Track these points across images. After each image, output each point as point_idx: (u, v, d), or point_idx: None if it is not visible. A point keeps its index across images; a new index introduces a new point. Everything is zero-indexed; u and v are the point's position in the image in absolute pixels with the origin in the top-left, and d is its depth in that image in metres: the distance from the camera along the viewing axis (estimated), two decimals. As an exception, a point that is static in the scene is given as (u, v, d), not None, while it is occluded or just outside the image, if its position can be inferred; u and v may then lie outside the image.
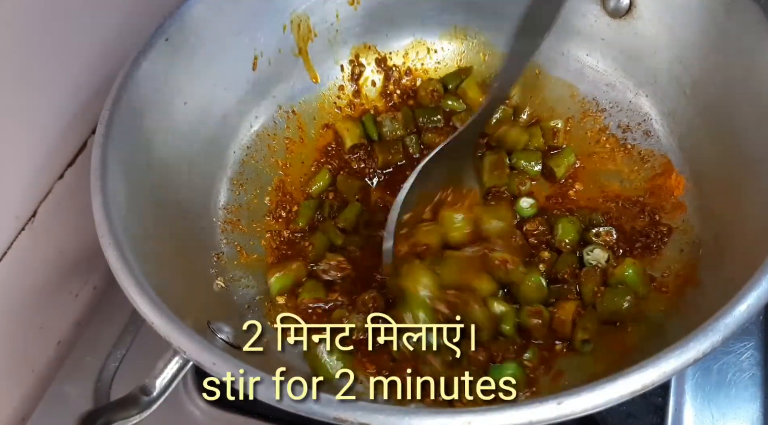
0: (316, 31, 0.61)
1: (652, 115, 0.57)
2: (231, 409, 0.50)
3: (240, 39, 0.56)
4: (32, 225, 0.52)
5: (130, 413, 0.37)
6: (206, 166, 0.55)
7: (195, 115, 0.54)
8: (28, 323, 0.55)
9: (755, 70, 0.47)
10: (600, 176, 0.58)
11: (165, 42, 0.50)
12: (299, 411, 0.33)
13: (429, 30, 0.64)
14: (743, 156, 0.47)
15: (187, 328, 0.37)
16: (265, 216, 0.58)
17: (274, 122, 0.61)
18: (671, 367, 0.32)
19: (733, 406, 0.48)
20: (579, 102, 0.61)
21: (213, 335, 0.42)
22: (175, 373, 0.38)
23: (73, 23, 0.51)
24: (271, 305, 0.52)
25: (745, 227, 0.44)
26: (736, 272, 0.39)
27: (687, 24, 0.52)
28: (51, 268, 0.56)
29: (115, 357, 0.55)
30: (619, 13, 0.56)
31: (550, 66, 0.62)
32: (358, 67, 0.65)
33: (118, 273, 0.39)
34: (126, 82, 0.48)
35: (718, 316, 0.34)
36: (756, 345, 0.50)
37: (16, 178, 0.50)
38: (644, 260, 0.51)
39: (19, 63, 0.47)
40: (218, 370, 0.35)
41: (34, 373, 0.56)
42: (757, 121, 0.46)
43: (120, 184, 0.44)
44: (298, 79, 0.62)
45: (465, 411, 0.31)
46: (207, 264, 0.52)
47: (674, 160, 0.55)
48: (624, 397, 0.32)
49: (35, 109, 0.50)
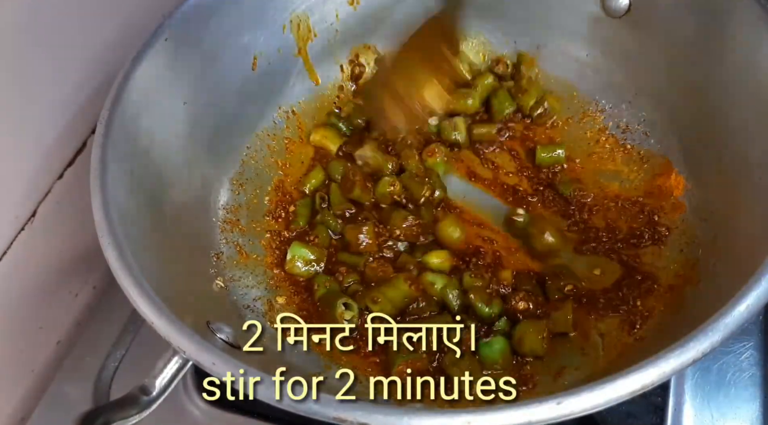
0: (315, 30, 0.61)
1: (652, 115, 0.58)
2: (231, 409, 0.50)
3: (239, 39, 0.56)
4: (32, 225, 0.52)
5: (129, 413, 0.37)
6: (206, 166, 0.55)
7: (194, 115, 0.54)
8: (27, 323, 0.55)
9: (755, 70, 0.47)
10: (599, 176, 0.58)
11: (164, 42, 0.50)
12: (299, 411, 0.33)
13: (428, 30, 0.65)
14: (743, 156, 0.47)
15: (187, 328, 0.37)
16: (264, 216, 0.58)
17: (274, 122, 0.61)
18: (671, 367, 0.32)
19: (732, 406, 0.48)
20: (578, 102, 0.61)
21: (212, 335, 0.42)
22: (174, 373, 0.38)
23: (72, 23, 0.51)
24: (271, 305, 0.52)
25: (745, 227, 0.44)
26: (736, 272, 0.39)
27: (686, 24, 0.52)
28: (50, 268, 0.56)
29: (114, 356, 0.55)
30: (618, 13, 0.57)
31: (550, 66, 0.62)
32: (357, 67, 0.65)
33: (118, 273, 0.39)
34: (125, 82, 0.48)
35: (718, 316, 0.34)
36: (755, 345, 0.50)
37: (15, 178, 0.50)
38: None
39: (19, 63, 0.47)
40: (218, 370, 0.35)
41: (34, 373, 0.56)
42: (757, 121, 0.46)
43: (119, 183, 0.44)
44: (297, 79, 0.62)
45: (464, 412, 0.31)
46: (206, 264, 0.52)
47: (673, 160, 0.55)
48: (623, 397, 0.32)
49: (35, 109, 0.50)
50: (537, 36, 0.62)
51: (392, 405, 0.41)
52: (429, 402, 0.44)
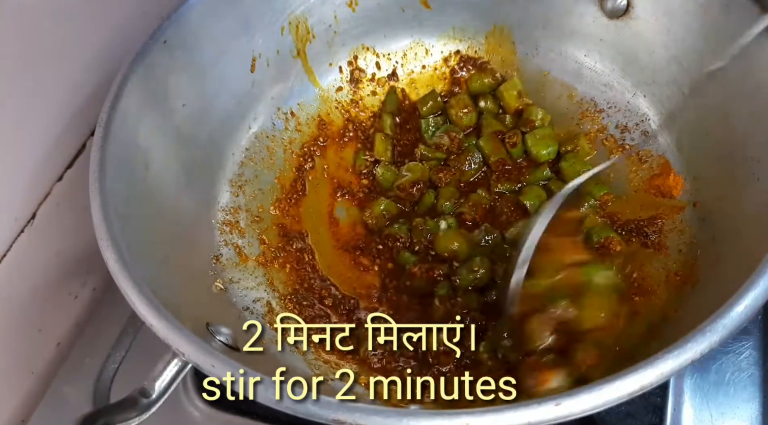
0: (314, 32, 0.61)
1: (650, 115, 0.58)
2: (230, 410, 0.50)
3: (238, 40, 0.56)
4: (31, 227, 0.52)
5: (129, 415, 0.37)
6: (205, 168, 0.55)
7: (193, 117, 0.54)
8: (27, 324, 0.55)
9: (753, 70, 0.47)
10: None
11: (163, 44, 0.50)
12: (298, 412, 0.33)
13: (427, 31, 0.65)
14: (741, 156, 0.47)
15: (186, 330, 0.37)
16: (264, 217, 0.58)
17: (273, 124, 0.61)
18: (669, 368, 0.32)
19: (731, 406, 0.48)
20: (577, 102, 0.61)
21: (212, 337, 0.42)
22: (174, 375, 0.38)
23: (71, 25, 0.51)
24: (271, 307, 0.52)
25: (743, 227, 0.44)
26: (734, 272, 0.39)
27: (684, 24, 0.52)
28: (50, 270, 0.56)
29: (114, 358, 0.55)
30: (617, 13, 0.57)
31: (549, 66, 0.62)
32: (356, 68, 0.65)
33: (117, 275, 0.39)
34: (124, 84, 0.48)
35: (716, 316, 0.34)
36: (755, 345, 0.50)
37: (15, 180, 0.50)
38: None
39: (18, 65, 0.47)
40: (217, 372, 0.35)
41: (34, 375, 0.56)
42: (755, 121, 0.46)
43: (118, 185, 0.44)
44: (296, 80, 0.62)
45: (463, 413, 0.31)
46: (206, 266, 0.52)
47: (672, 160, 0.55)
48: (622, 398, 0.32)
49: (34, 111, 0.50)
50: (535, 36, 0.62)
51: (391, 406, 0.41)
52: (429, 404, 0.44)
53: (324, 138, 0.63)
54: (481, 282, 0.53)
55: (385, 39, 0.64)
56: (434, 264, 0.54)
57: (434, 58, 0.66)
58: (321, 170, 0.62)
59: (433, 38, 0.65)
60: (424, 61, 0.66)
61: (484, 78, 0.64)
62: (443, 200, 0.58)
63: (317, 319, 0.52)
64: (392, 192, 0.59)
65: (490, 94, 0.63)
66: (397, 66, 0.65)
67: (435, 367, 0.49)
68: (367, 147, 0.63)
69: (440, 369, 0.49)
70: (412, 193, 0.58)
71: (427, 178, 0.59)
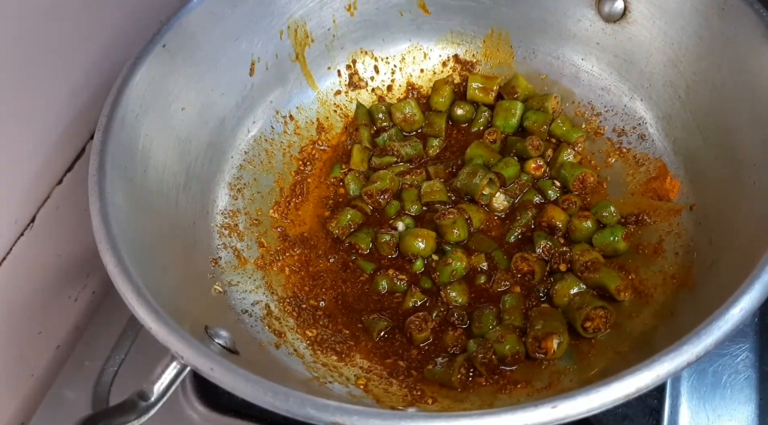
0: (313, 36, 0.61)
1: (647, 118, 0.58)
2: (229, 413, 0.51)
3: (237, 44, 0.57)
4: (31, 231, 0.52)
5: (128, 418, 0.37)
6: (204, 171, 0.56)
7: (192, 121, 0.54)
8: (27, 327, 0.55)
9: (749, 74, 0.47)
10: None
11: (162, 48, 0.50)
12: (297, 415, 0.33)
13: (425, 35, 0.65)
14: (737, 159, 0.47)
15: (185, 333, 0.37)
16: (262, 220, 0.58)
17: (272, 127, 0.61)
18: (665, 370, 0.32)
19: (728, 408, 0.48)
20: (574, 106, 0.62)
21: (211, 340, 0.42)
22: (173, 378, 0.38)
23: (70, 29, 0.51)
24: (269, 309, 0.52)
25: (740, 230, 0.44)
26: (731, 275, 0.39)
27: (681, 28, 0.53)
28: (50, 273, 0.56)
29: (113, 361, 0.55)
30: (614, 17, 0.57)
31: (546, 70, 0.63)
32: (355, 72, 0.65)
33: (116, 278, 0.39)
34: (123, 88, 0.48)
35: (713, 319, 0.34)
36: (751, 348, 0.50)
37: (15, 184, 0.50)
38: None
39: (17, 68, 0.47)
40: (216, 375, 0.35)
41: (33, 377, 0.56)
42: (751, 125, 0.47)
43: (118, 189, 0.44)
44: (295, 84, 0.62)
45: (461, 415, 0.32)
46: (205, 269, 0.52)
47: (669, 163, 0.55)
48: (619, 400, 0.32)
49: (33, 115, 0.50)
50: (533, 40, 0.63)
51: (389, 409, 0.41)
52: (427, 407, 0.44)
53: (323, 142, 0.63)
54: (458, 273, 0.54)
55: (383, 43, 0.65)
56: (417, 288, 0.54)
57: (432, 62, 0.66)
58: (318, 173, 0.62)
59: (431, 42, 0.65)
60: (422, 65, 0.66)
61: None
62: (409, 204, 0.59)
63: (316, 322, 0.52)
64: (357, 202, 0.59)
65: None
66: (396, 69, 0.66)
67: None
68: (344, 159, 0.63)
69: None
70: (378, 201, 0.59)
71: (397, 188, 0.60)
